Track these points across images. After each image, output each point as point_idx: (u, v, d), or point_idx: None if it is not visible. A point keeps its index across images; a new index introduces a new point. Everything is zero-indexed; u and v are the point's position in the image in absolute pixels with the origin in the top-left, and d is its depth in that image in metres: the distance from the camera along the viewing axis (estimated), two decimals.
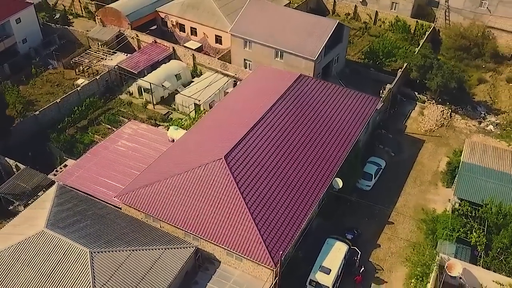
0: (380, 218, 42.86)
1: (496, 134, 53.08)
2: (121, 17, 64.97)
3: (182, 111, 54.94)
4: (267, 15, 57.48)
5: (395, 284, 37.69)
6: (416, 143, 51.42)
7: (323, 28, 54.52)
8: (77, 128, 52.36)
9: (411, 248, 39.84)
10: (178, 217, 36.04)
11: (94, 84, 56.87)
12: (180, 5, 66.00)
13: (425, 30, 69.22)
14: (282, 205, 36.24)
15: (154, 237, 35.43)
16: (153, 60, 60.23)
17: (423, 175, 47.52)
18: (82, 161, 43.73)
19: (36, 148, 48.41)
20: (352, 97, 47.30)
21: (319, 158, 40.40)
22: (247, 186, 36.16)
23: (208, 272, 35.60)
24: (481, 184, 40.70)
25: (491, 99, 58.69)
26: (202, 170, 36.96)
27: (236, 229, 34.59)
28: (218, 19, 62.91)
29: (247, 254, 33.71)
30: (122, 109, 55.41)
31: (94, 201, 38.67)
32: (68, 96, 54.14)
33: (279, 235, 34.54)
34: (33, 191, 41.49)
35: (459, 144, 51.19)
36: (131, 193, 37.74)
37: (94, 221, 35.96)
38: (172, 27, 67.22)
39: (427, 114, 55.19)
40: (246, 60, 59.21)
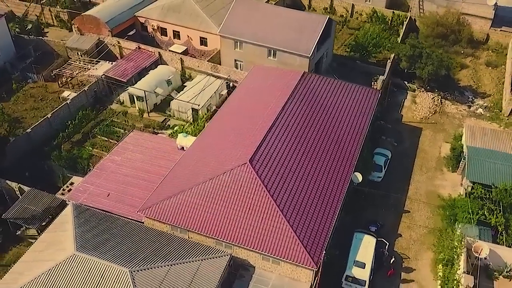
0: (395, 207, 43.74)
1: (486, 117, 55.30)
2: (100, 25, 62.75)
3: (179, 117, 53.85)
4: (255, 14, 57.14)
5: (423, 271, 38.63)
6: (414, 131, 52.77)
7: (314, 23, 54.81)
8: (72, 143, 50.27)
9: (432, 234, 40.95)
10: (208, 226, 35.37)
11: (83, 96, 54.73)
12: (160, 9, 64.50)
13: (402, 20, 71.01)
14: (311, 204, 36.30)
15: (187, 249, 34.62)
16: (140, 67, 58.60)
17: (427, 162, 48.87)
18: (90, 178, 42.04)
19: (33, 167, 46.19)
20: (354, 91, 47.94)
21: (336, 154, 40.73)
22: (275, 188, 35.96)
23: (244, 279, 35.17)
24: (490, 166, 42.29)
25: (475, 83, 61.02)
26: (228, 176, 36.39)
27: (271, 232, 34.35)
28: (202, 21, 61.97)
29: (286, 257, 33.55)
30: (115, 119, 53.65)
31: (115, 218, 37.31)
32: (58, 110, 51.80)
33: (314, 234, 34.60)
34: (43, 213, 39.54)
35: (455, 129, 53.03)
36: (155, 206, 36.66)
37: (122, 238, 34.72)
38: (152, 31, 65.60)
39: (419, 102, 56.75)
40: (237, 60, 58.70)
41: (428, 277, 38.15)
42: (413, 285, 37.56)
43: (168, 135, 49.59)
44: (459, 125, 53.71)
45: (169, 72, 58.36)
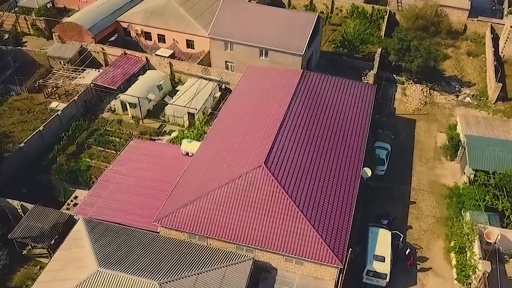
0: (401, 199, 44.56)
1: (474, 105, 57.01)
2: (82, 32, 61.06)
3: (174, 122, 53.07)
4: (244, 14, 56.90)
5: (437, 260, 39.54)
6: (409, 123, 53.86)
7: (304, 21, 55.05)
8: (67, 155, 48.79)
9: (440, 223, 41.96)
10: (228, 231, 35.06)
11: (73, 106, 53.16)
12: (143, 13, 63.30)
13: (382, 15, 72.26)
14: (327, 202, 36.53)
15: (209, 257, 34.23)
16: (129, 73, 57.36)
17: (425, 152, 50.00)
18: (96, 190, 40.88)
19: (29, 183, 44.60)
20: (352, 86, 48.49)
21: (344, 151, 41.12)
22: (292, 188, 35.98)
23: (268, 282, 35.08)
24: (490, 154, 43.64)
25: (459, 72, 62.79)
26: (244, 180, 36.15)
27: (292, 233, 34.36)
28: (188, 23, 61.23)
29: (310, 257, 33.66)
30: (109, 128, 52.38)
31: (130, 230, 36.47)
32: (49, 122, 50.10)
33: (335, 232, 34.84)
34: (51, 230, 38.19)
35: (447, 118, 54.48)
36: (171, 215, 36.03)
37: (141, 250, 34.02)
38: (136, 36, 64.33)
39: (410, 94, 57.95)
40: (228, 62, 58.34)
41: (443, 265, 39.09)
42: (430, 274, 38.39)
43: (169, 141, 48.73)
44: (450, 115, 55.21)
45: (159, 77, 57.40)
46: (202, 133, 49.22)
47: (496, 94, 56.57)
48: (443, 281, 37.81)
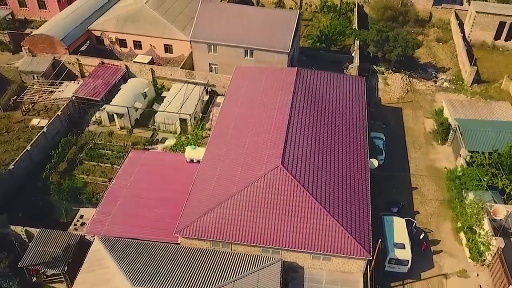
0: (404, 186, 45.86)
1: (452, 90, 59.44)
2: (55, 43, 58.51)
3: (165, 129, 51.96)
4: (225, 16, 56.43)
5: (448, 241, 41.04)
6: (396, 112, 55.42)
7: (286, 19, 55.32)
8: (59, 173, 46.73)
9: (444, 205, 43.56)
10: (253, 234, 34.82)
11: (57, 121, 50.86)
12: (115, 20, 61.38)
13: (351, 7, 73.76)
14: (345, 195, 37.00)
15: (238, 263, 33.91)
16: (110, 83, 55.50)
17: (417, 138, 51.67)
18: (104, 207, 39.42)
19: (25, 206, 42.49)
20: (344, 80, 49.26)
21: (350, 144, 41.77)
22: (310, 186, 36.17)
23: (296, 281, 35.18)
24: (482, 135, 45.62)
25: (433, 59, 65.21)
26: (262, 182, 35.98)
27: (318, 230, 34.60)
28: (165, 28, 60.00)
29: (339, 252, 34.05)
30: (98, 141, 50.59)
31: (149, 244, 35.47)
32: (36, 141, 47.71)
33: (358, 225, 35.40)
34: (64, 253, 36.48)
35: (430, 104, 56.52)
36: (192, 225, 35.33)
37: (169, 264, 33.24)
38: (110, 44, 62.33)
39: (391, 83, 59.61)
40: (212, 64, 57.74)
41: (454, 245, 40.63)
42: (443, 255, 39.80)
43: (167, 149, 47.70)
44: (433, 100, 57.30)
45: (143, 84, 55.99)
46: (201, 138, 48.55)
47: (472, 77, 59.22)
48: (457, 261, 39.30)
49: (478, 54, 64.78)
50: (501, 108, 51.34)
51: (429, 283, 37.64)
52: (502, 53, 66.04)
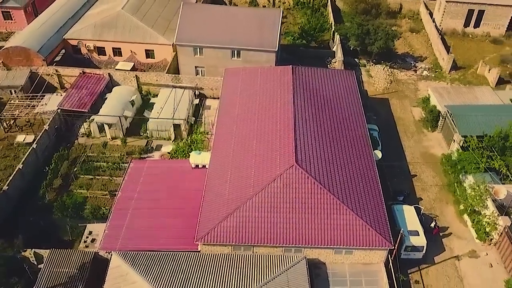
0: (403, 174, 47.02)
1: (432, 77, 61.39)
2: (31, 55, 56.21)
3: (158, 136, 50.95)
4: (208, 17, 55.91)
5: (454, 224, 42.43)
6: (383, 103, 56.68)
7: (270, 18, 55.44)
8: (55, 190, 45.01)
9: (444, 190, 45.02)
10: (274, 235, 34.81)
11: (45, 136, 48.89)
12: (92, 28, 59.55)
13: (324, 2, 74.70)
14: (358, 188, 37.60)
15: (265, 264, 33.82)
16: (95, 93, 53.85)
17: (408, 127, 53.07)
18: (114, 221, 38.32)
19: (25, 228, 40.69)
20: (336, 75, 49.93)
21: (353, 137, 42.44)
22: (325, 182, 36.51)
23: (321, 277, 35.47)
24: (473, 119, 47.32)
25: (410, 49, 67.07)
26: (279, 182, 36.00)
27: (338, 225, 35.00)
28: (145, 33, 58.79)
29: (360, 244, 34.59)
30: (90, 153, 49.03)
31: (171, 255, 34.77)
32: (27, 158, 45.68)
33: (375, 215, 36.07)
34: (80, 272, 35.16)
35: (414, 93, 58.21)
36: (212, 231, 34.91)
37: (197, 273, 32.80)
38: (88, 52, 60.41)
39: (374, 75, 60.89)
40: (198, 67, 57.12)
41: (460, 227, 42.07)
42: (452, 238, 41.15)
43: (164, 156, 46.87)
44: (416, 89, 59.01)
45: (129, 92, 54.67)
46: (201, 142, 47.98)
47: (450, 64, 61.37)
48: (466, 242, 40.74)
49: (450, 42, 67.11)
50: (484, 92, 53.50)
51: (443, 266, 38.81)
52: (472, 39, 68.75)
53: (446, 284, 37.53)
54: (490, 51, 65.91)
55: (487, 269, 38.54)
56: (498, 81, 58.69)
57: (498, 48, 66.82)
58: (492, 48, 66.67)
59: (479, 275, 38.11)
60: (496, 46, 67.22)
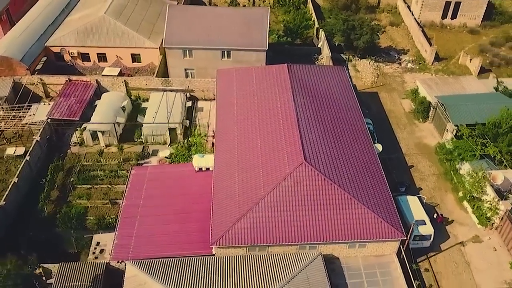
0: (401, 166, 47.92)
1: (417, 69, 62.74)
2: (13, 64, 54.46)
3: (153, 141, 50.25)
4: (196, 19, 55.45)
5: (455, 211, 43.56)
6: (373, 96, 57.57)
7: (258, 17, 55.46)
8: (53, 202, 43.84)
9: (441, 178, 46.15)
10: (289, 234, 34.89)
11: (37, 148, 47.49)
12: (75, 34, 58.12)
13: (304, 0, 75.16)
14: (366, 182, 38.07)
15: (281, 264, 33.92)
16: (85, 100, 52.64)
17: (399, 119, 54.11)
18: (123, 230, 37.60)
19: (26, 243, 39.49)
20: (329, 71, 50.35)
21: (354, 132, 42.93)
22: (335, 177, 36.83)
23: (336, 272, 35.78)
24: (464, 109, 48.69)
25: (392, 42, 68.31)
26: (289, 180, 36.10)
27: (351, 220, 35.37)
28: (131, 37, 57.83)
29: (374, 237, 35.09)
30: (85, 162, 47.91)
31: (186, 260, 34.41)
32: (21, 171, 44.28)
33: (384, 208, 36.62)
34: (93, 284, 34.43)
35: (402, 85, 59.40)
36: (226, 234, 34.72)
37: (216, 277, 32.59)
38: (71, 59, 58.96)
39: (361, 70, 61.77)
40: (188, 69, 56.61)
41: (461, 214, 43.23)
42: (455, 225, 42.24)
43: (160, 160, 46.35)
44: (403, 82, 60.21)
45: (120, 98, 53.66)
46: (199, 145, 47.62)
47: (433, 56, 62.88)
48: (468, 228, 41.90)
49: (430, 34, 68.76)
50: (469, 82, 55.12)
51: (450, 253, 39.82)
52: (451, 30, 70.60)
53: (454, 270, 38.50)
54: (468, 42, 67.82)
55: (492, 253, 39.75)
56: (480, 70, 60.43)
57: (476, 38, 68.85)
58: (470, 39, 68.63)
59: (484, 259, 39.27)
60: (473, 36, 69.24)
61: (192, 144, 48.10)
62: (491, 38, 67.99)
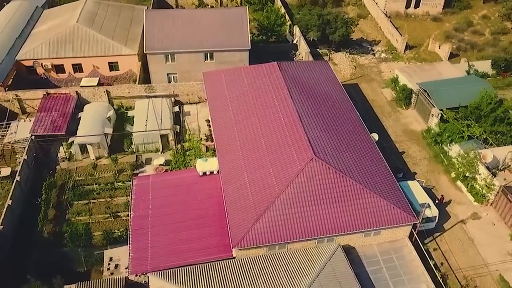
0: (393, 153, 49.38)
1: (390, 59, 64.76)
2: None
3: (145, 149, 49.29)
4: (175, 22, 54.75)
5: (450, 191, 45.45)
6: (354, 88, 58.90)
7: (238, 17, 55.45)
8: (51, 222, 42.19)
9: (431, 161, 48.02)
10: (307, 229, 35.30)
11: (25, 167, 45.47)
12: (48, 45, 55.94)
13: None
14: (372, 171, 39.06)
15: (303, 260, 34.34)
16: (67, 113, 50.85)
17: (383, 108, 55.73)
18: (136, 242, 36.68)
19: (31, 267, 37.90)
20: (315, 66, 51.15)
21: (351, 123, 43.90)
22: (345, 169, 37.54)
23: (355, 261, 36.47)
24: (446, 93, 50.77)
25: (363, 34, 70.07)
26: (302, 176, 36.46)
27: (365, 209, 36.20)
28: (107, 45, 56.33)
29: (388, 224, 36.12)
30: (77, 177, 46.34)
31: (208, 266, 34.12)
32: (13, 193, 42.28)
33: (394, 194, 37.75)
34: None
35: (379, 75, 61.15)
36: (246, 235, 34.67)
37: (244, 279, 32.62)
38: (45, 72, 56.69)
39: (339, 63, 63.03)
40: (170, 74, 55.81)
41: (457, 194, 45.16)
42: (453, 204, 44.08)
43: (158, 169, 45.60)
44: (380, 72, 61.99)
45: (104, 108, 52.17)
46: (197, 149, 47.17)
47: (404, 45, 65.09)
48: (466, 206, 43.87)
49: (397, 23, 71.11)
50: (444, 67, 57.53)
51: (454, 232, 41.57)
52: (415, 19, 73.32)
53: (460, 247, 40.25)
54: (433, 29, 70.69)
55: (491, 227, 41.84)
56: (449, 56, 63.20)
57: (439, 25, 71.87)
58: (435, 26, 71.55)
59: (486, 233, 41.28)
60: (437, 23, 72.23)
61: (189, 149, 47.44)
62: (454, 24, 71.23)
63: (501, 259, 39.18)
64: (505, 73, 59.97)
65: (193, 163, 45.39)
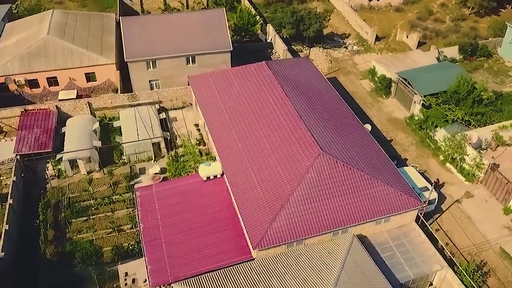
0: (383, 142, 50.55)
1: (362, 51, 66.53)
2: None
3: (137, 159, 48.32)
4: (153, 28, 53.80)
5: (441, 173, 47.39)
6: (333, 82, 59.79)
7: (216, 18, 55.25)
8: (52, 243, 40.68)
9: (419, 146, 49.93)
10: (323, 223, 35.90)
11: (15, 189, 43.52)
12: (18, 60, 53.51)
13: None
14: (374, 160, 40.20)
15: (322, 254, 35.01)
16: (50, 129, 49.05)
17: (364, 99, 57.26)
18: (151, 254, 36.03)
19: None
20: (299, 63, 51.85)
21: (345, 116, 44.93)
22: (351, 161, 38.44)
23: (369, 249, 37.36)
24: (425, 80, 52.79)
25: (332, 28, 71.48)
26: (312, 172, 36.99)
27: (375, 198, 37.23)
28: (82, 55, 54.57)
29: (397, 210, 37.36)
30: (71, 194, 44.82)
31: (228, 271, 34.08)
32: (8, 217, 40.38)
33: (397, 180, 39.06)
34: None
35: (355, 68, 62.72)
36: (265, 236, 34.82)
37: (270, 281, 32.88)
38: (18, 88, 54.24)
39: (314, 58, 64.06)
40: (152, 80, 54.79)
41: (448, 175, 47.21)
42: (447, 186, 46.06)
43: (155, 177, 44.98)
44: (355, 64, 63.57)
45: (88, 121, 50.68)
46: (194, 154, 46.70)
47: (374, 37, 67.04)
48: (458, 187, 45.99)
49: (363, 16, 73.05)
50: (417, 56, 59.89)
51: (451, 212, 43.50)
52: (379, 11, 75.59)
53: (460, 226, 42.17)
54: (397, 19, 73.20)
55: (485, 204, 44.12)
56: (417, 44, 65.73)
57: (402, 15, 74.50)
58: (398, 16, 74.10)
59: (481, 210, 43.49)
60: (400, 14, 74.84)
61: (183, 155, 46.94)
62: (416, 14, 74.05)
63: (498, 232, 41.42)
64: (471, 57, 63.05)
65: (192, 169, 44.95)
